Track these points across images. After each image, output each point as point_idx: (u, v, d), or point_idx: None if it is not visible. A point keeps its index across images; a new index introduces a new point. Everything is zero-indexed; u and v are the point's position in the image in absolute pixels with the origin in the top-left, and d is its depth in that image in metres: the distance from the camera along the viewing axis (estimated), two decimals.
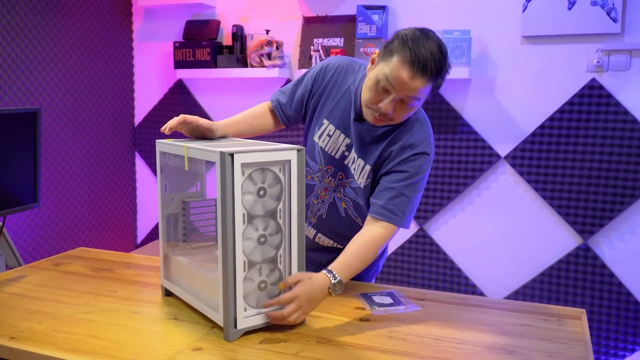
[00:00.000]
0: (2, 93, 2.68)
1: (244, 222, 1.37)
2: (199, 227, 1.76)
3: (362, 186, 1.72)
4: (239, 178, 1.34)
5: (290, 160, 1.41)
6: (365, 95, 1.60)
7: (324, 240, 1.85)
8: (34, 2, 2.85)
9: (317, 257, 1.87)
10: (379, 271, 2.03)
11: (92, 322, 1.52)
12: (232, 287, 1.37)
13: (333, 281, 1.50)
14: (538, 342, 1.43)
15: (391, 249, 3.12)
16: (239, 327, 1.41)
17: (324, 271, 1.52)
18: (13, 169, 1.93)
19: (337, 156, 1.75)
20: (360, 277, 1.92)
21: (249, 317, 1.43)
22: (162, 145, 1.64)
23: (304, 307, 1.45)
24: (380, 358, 1.33)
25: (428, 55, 1.47)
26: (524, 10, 2.73)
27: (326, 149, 1.76)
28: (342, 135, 1.72)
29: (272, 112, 1.86)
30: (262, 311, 1.44)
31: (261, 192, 1.40)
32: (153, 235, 3.75)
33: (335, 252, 1.68)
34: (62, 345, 1.38)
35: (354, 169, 1.72)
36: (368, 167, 1.70)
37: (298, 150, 1.42)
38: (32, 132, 1.96)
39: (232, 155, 1.32)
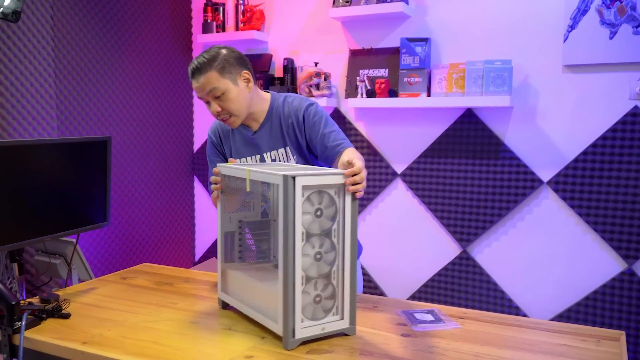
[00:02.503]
0: (76, 123, 2.87)
1: (302, 240, 1.48)
2: (252, 245, 1.88)
3: (295, 163, 2.02)
4: (299, 199, 1.46)
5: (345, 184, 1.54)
6: (217, 123, 2.12)
7: None
8: (104, 41, 3.05)
9: None
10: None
11: (155, 330, 1.63)
12: (291, 299, 1.47)
13: None
14: None
15: (434, 270, 3.18)
16: (297, 336, 1.50)
17: None
18: (87, 191, 2.09)
19: None
20: None
21: (306, 328, 1.52)
22: (224, 169, 1.78)
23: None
24: None
25: (194, 61, 1.92)
26: (565, 40, 2.77)
27: None
28: (250, 158, 2.08)
29: None
30: (317, 323, 1.54)
31: (318, 213, 1.51)
32: (210, 253, 3.89)
33: None
34: (129, 350, 1.50)
35: (281, 163, 2.01)
36: (288, 148, 2.03)
37: None
38: (103, 158, 2.12)
39: (294, 178, 1.44)
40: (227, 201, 1.82)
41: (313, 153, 2.05)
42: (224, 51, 1.95)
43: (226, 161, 2.13)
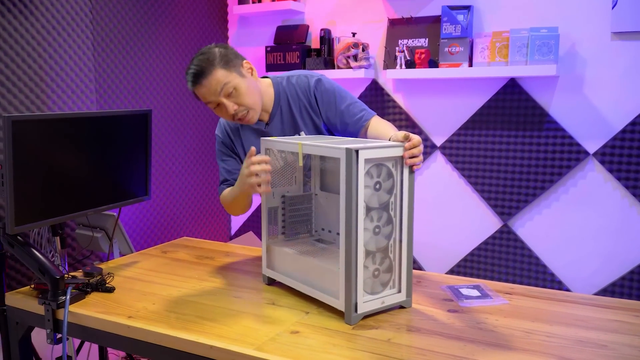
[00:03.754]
0: (114, 97, 2.87)
1: (363, 214, 1.46)
2: (296, 220, 1.86)
3: None
4: (362, 172, 1.43)
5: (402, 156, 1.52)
6: (224, 121, 2.00)
7: None
8: (141, 13, 3.02)
9: None
10: None
11: (199, 304, 1.64)
12: (354, 274, 1.46)
13: None
14: (630, 338, 1.41)
15: (474, 244, 3.13)
16: (359, 311, 1.49)
17: None
18: (128, 165, 2.09)
19: None
20: None
21: (367, 302, 1.51)
22: (268, 143, 1.75)
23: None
24: (469, 348, 1.35)
25: (191, 67, 1.80)
26: (613, 7, 2.66)
27: None
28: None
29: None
30: (376, 297, 1.52)
31: (377, 186, 1.49)
32: (246, 227, 3.89)
33: None
34: (174, 324, 1.50)
35: (324, 136, 1.92)
36: (302, 133, 1.95)
37: None
38: (144, 131, 2.11)
39: (357, 151, 1.41)
40: (272, 177, 1.79)
41: (331, 130, 1.99)
42: (217, 49, 1.83)
43: (238, 160, 2.07)
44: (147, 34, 3.10)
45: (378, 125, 1.87)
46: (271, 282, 1.81)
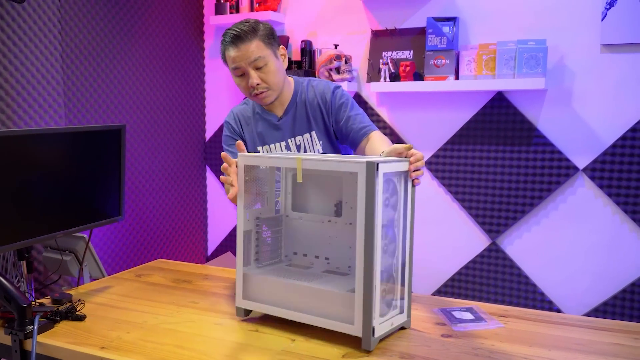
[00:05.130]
0: (84, 111, 2.79)
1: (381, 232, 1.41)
2: (268, 244, 1.71)
3: (321, 151, 2.00)
4: (380, 188, 1.36)
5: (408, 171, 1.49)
6: (242, 93, 1.96)
7: None
8: (113, 23, 2.95)
9: None
10: None
11: (177, 333, 1.55)
12: (372, 297, 1.39)
13: None
14: None
15: (461, 263, 3.08)
16: (376, 335, 1.42)
17: None
18: (100, 184, 1.99)
19: None
20: None
21: (381, 324, 1.45)
22: (249, 159, 1.59)
23: None
24: None
25: (234, 30, 1.84)
26: (603, 18, 2.64)
27: None
28: (274, 145, 2.02)
29: None
30: (385, 318, 1.46)
31: (387, 202, 1.43)
32: (223, 247, 3.80)
33: None
34: (151, 355, 1.41)
35: (307, 151, 2.02)
36: (314, 133, 1.99)
37: None
38: (117, 148, 2.01)
39: (377, 165, 1.34)
40: (248, 196, 1.63)
41: (336, 134, 2.01)
42: (262, 24, 1.90)
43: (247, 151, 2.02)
44: (119, 46, 3.02)
45: (377, 139, 1.90)
46: (247, 314, 1.67)
